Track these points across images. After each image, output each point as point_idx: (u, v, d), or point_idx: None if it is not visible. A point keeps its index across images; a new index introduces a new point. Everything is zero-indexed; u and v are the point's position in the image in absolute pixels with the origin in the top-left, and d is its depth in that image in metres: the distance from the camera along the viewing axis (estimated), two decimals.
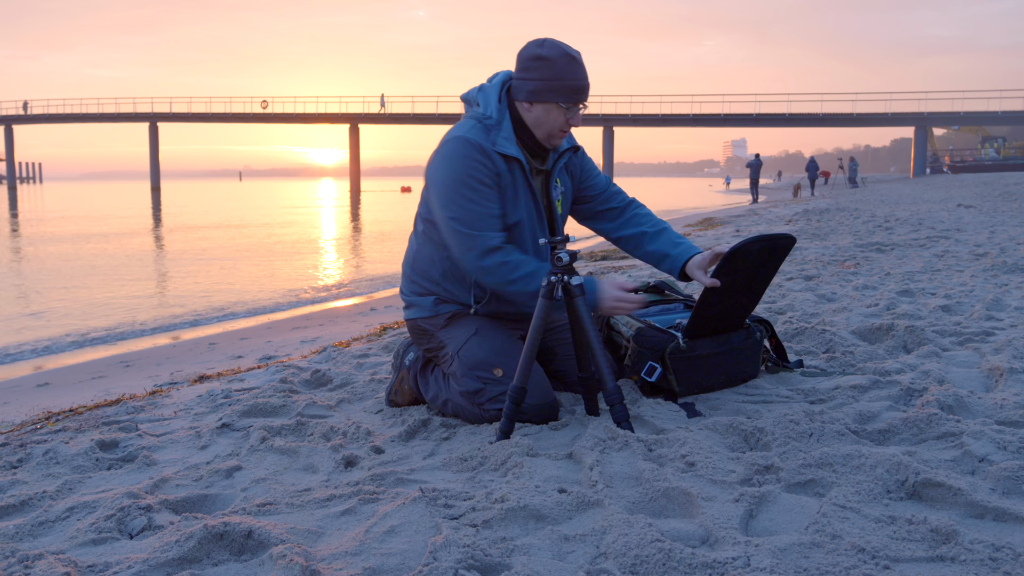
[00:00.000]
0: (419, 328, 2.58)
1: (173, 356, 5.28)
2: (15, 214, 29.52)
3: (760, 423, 2.20)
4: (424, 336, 2.58)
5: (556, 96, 2.32)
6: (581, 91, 2.34)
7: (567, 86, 2.32)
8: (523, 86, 2.35)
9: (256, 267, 12.34)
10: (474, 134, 2.35)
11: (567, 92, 2.32)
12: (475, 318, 2.51)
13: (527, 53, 2.34)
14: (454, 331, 2.50)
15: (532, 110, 2.36)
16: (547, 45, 2.32)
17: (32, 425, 2.98)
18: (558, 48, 2.31)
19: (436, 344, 2.55)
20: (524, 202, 2.42)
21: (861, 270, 5.88)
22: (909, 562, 1.45)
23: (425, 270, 2.54)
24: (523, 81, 2.35)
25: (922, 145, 49.58)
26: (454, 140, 2.36)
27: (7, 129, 65.19)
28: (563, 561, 1.52)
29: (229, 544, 1.62)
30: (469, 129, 2.37)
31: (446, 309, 2.53)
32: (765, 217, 15.83)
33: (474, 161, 2.32)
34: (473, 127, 2.37)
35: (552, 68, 2.30)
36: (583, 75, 2.34)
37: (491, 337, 2.46)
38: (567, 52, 2.31)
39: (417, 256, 2.56)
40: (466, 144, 2.33)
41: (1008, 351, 2.95)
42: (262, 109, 57.37)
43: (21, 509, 1.97)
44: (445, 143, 2.39)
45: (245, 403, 2.82)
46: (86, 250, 15.34)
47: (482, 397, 2.41)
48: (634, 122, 51.58)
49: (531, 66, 2.32)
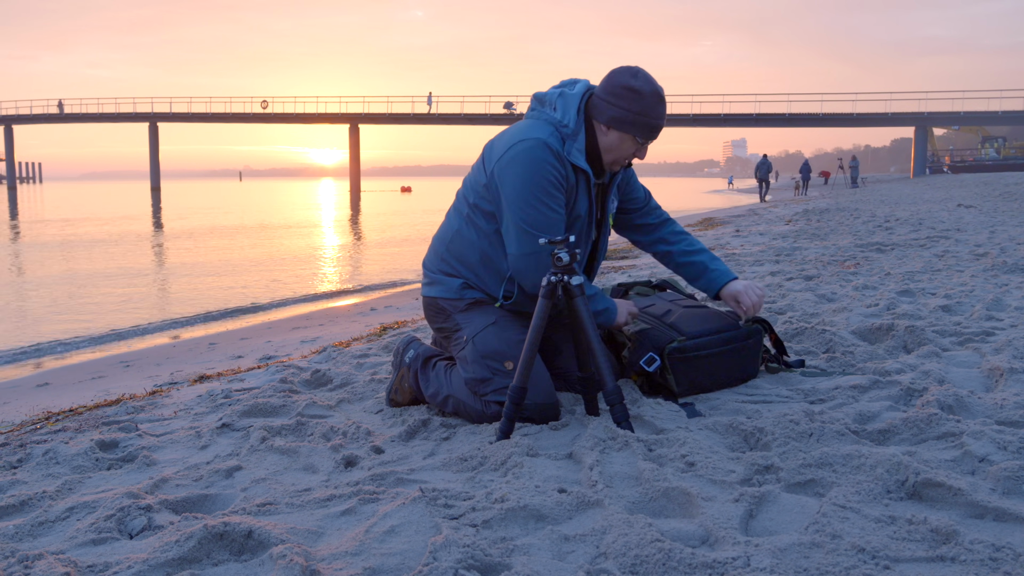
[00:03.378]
0: (437, 306, 2.58)
1: (173, 356, 5.28)
2: (15, 215, 29.52)
3: (760, 423, 2.20)
4: (441, 315, 2.57)
5: (636, 130, 2.39)
6: (658, 129, 2.43)
7: (649, 124, 2.39)
8: (607, 110, 2.40)
9: (256, 267, 12.34)
10: (553, 140, 2.39)
11: (647, 129, 2.40)
12: (497, 308, 2.52)
13: (620, 80, 2.39)
14: (474, 316, 2.50)
15: (608, 135, 2.42)
16: (640, 78, 2.39)
17: (32, 425, 2.98)
18: (650, 84, 2.38)
19: (452, 325, 2.54)
20: (582, 211, 2.49)
21: (861, 270, 5.88)
22: (909, 562, 1.45)
23: (462, 252, 2.53)
24: (609, 106, 2.39)
25: (922, 145, 49.57)
26: (534, 142, 2.38)
27: (7, 129, 65.18)
28: (563, 561, 1.52)
29: (229, 544, 1.62)
30: (549, 135, 2.40)
31: (471, 295, 2.53)
32: (765, 217, 15.83)
33: (551, 167, 2.37)
34: (552, 133, 2.41)
35: (640, 103, 2.36)
36: (664, 115, 2.42)
37: (509, 329, 2.46)
38: (657, 91, 2.38)
39: (456, 237, 2.55)
40: (545, 149, 2.37)
41: (1008, 351, 2.95)
42: (262, 109, 57.36)
43: (21, 509, 1.97)
44: (523, 142, 2.40)
45: (245, 403, 2.82)
46: (86, 251, 15.34)
47: (487, 387, 2.41)
48: None
49: (621, 94, 2.37)
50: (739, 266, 6.68)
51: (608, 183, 2.60)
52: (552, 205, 2.38)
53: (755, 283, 2.52)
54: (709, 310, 2.76)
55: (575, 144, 2.41)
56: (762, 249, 8.19)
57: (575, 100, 2.44)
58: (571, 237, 2.27)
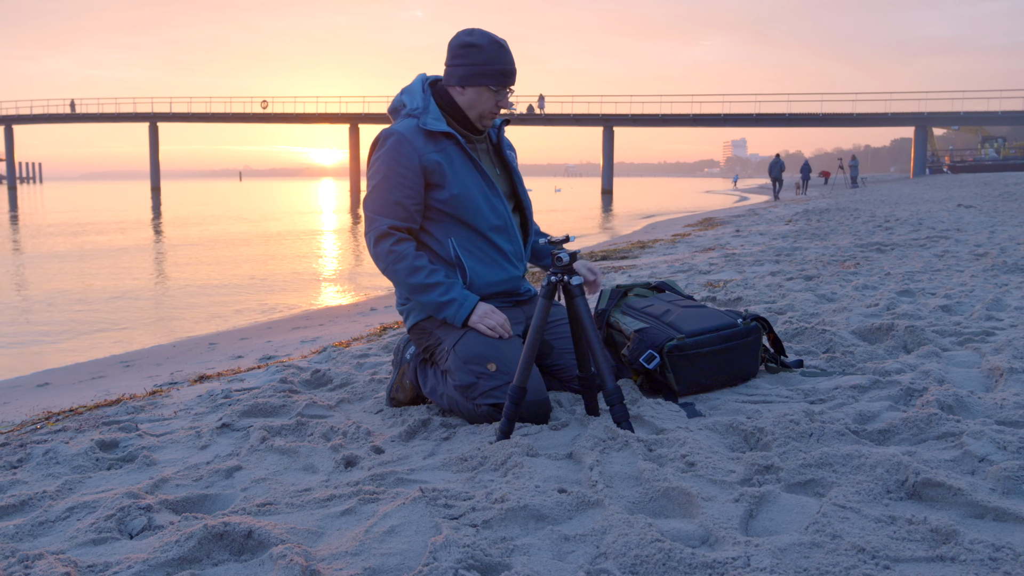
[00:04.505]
0: (420, 329, 2.64)
1: (173, 356, 5.28)
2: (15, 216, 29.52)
3: (760, 423, 2.20)
4: (423, 335, 2.63)
5: (486, 80, 2.50)
6: (508, 75, 2.52)
7: (495, 70, 2.50)
8: (455, 72, 2.54)
9: (257, 267, 12.34)
10: (402, 126, 2.54)
11: (496, 76, 2.51)
12: None
13: (457, 41, 2.53)
14: (450, 327, 2.54)
15: (465, 93, 2.54)
16: (475, 34, 2.52)
17: (32, 425, 2.98)
18: (486, 36, 2.51)
19: (434, 341, 2.59)
20: (465, 171, 2.55)
21: (861, 270, 5.88)
22: (909, 562, 1.45)
23: None
24: (455, 67, 2.53)
25: (922, 145, 49.56)
26: (382, 134, 2.55)
27: (7, 129, 65.15)
28: (563, 561, 1.52)
29: (229, 544, 1.62)
30: (399, 123, 2.56)
31: None
32: (765, 217, 15.83)
33: (395, 151, 2.50)
34: (403, 122, 2.56)
35: (481, 54, 2.50)
36: (510, 60, 2.53)
37: None
38: (494, 40, 2.51)
39: None
40: (391, 135, 2.52)
41: (1008, 351, 2.95)
42: (262, 109, 57.34)
43: (21, 509, 1.97)
44: (376, 137, 2.58)
45: (245, 403, 2.82)
46: (86, 250, 15.35)
47: (475, 391, 2.43)
48: (634, 122, 51.55)
49: (461, 53, 2.52)
50: (739, 266, 6.68)
51: (496, 143, 2.70)
52: (388, 188, 2.49)
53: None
54: (707, 309, 2.77)
55: (428, 115, 2.53)
56: (762, 249, 8.19)
57: (416, 85, 2.61)
58: (571, 237, 2.27)
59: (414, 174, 2.49)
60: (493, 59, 2.49)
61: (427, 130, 2.51)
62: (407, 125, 2.53)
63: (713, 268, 6.63)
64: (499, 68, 2.50)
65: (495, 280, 2.60)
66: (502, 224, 2.59)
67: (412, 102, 2.57)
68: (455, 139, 2.54)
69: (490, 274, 2.58)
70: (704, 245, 9.55)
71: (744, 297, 4.59)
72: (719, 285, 5.38)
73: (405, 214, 2.51)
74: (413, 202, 2.51)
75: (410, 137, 2.50)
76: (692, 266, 6.86)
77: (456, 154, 2.54)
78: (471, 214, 2.53)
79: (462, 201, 2.52)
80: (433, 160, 2.50)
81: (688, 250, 8.99)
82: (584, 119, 51.17)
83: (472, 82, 2.51)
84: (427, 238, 2.59)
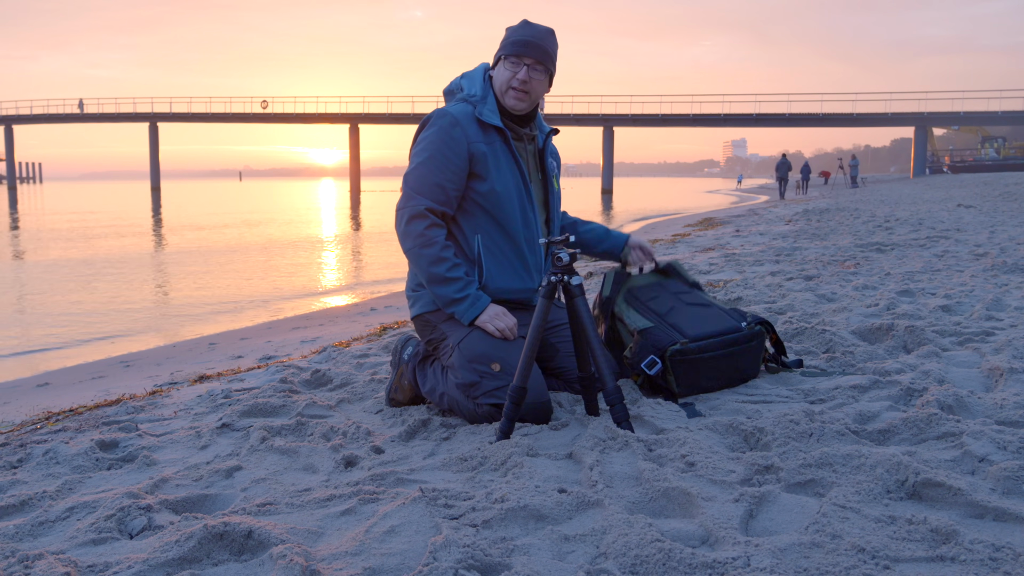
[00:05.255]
0: (424, 321, 2.62)
1: (173, 356, 5.28)
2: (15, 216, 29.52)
3: (760, 423, 2.20)
4: (427, 328, 2.61)
5: (503, 50, 2.53)
6: (521, 43, 2.51)
7: (510, 40, 2.53)
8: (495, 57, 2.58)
9: (257, 267, 12.34)
10: (457, 109, 2.52)
11: (510, 45, 2.52)
12: None
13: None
14: (457, 323, 2.52)
15: (495, 72, 2.57)
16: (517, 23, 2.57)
17: (32, 425, 2.98)
18: (521, 20, 2.57)
19: (439, 336, 2.57)
20: (508, 169, 2.54)
21: (861, 270, 5.88)
22: (909, 562, 1.45)
23: None
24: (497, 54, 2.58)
25: (922, 145, 49.55)
26: (436, 113, 2.54)
27: (7, 129, 65.13)
28: (563, 561, 1.52)
29: (229, 544, 1.62)
30: (454, 106, 2.55)
31: None
32: (765, 217, 15.83)
33: (445, 133, 2.49)
34: (458, 105, 2.55)
35: (507, 33, 2.55)
36: (528, 33, 2.52)
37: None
38: (525, 20, 2.56)
39: None
40: (444, 116, 2.51)
41: (1008, 351, 2.95)
42: (262, 109, 57.33)
43: (21, 509, 1.97)
44: (428, 117, 2.56)
45: (245, 403, 2.82)
46: (86, 253, 15.34)
47: (477, 391, 2.42)
48: (634, 122, 51.55)
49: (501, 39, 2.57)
50: (739, 266, 6.68)
51: (542, 148, 2.69)
52: (434, 168, 2.47)
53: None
54: (712, 309, 2.74)
55: (485, 105, 2.54)
56: (762, 249, 8.19)
57: (478, 73, 2.62)
58: (571, 237, 2.27)
59: (460, 159, 2.48)
60: (513, 33, 2.52)
61: (481, 120, 2.51)
62: (462, 110, 2.51)
63: (713, 268, 6.64)
64: (514, 39, 2.51)
65: (510, 287, 2.57)
66: (531, 233, 2.58)
67: (471, 87, 2.57)
68: (504, 135, 2.53)
69: (506, 280, 2.56)
70: (704, 245, 9.55)
71: (744, 297, 4.59)
72: (719, 285, 5.38)
73: (444, 197, 2.49)
74: (454, 187, 2.49)
75: (463, 122, 2.49)
76: (692, 266, 6.86)
77: (502, 150, 2.53)
78: (505, 214, 2.52)
79: (501, 198, 2.51)
80: (480, 150, 2.49)
81: (688, 250, 8.99)
82: (584, 119, 51.15)
83: (496, 59, 2.56)
84: (455, 229, 2.57)
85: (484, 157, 2.48)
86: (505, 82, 2.51)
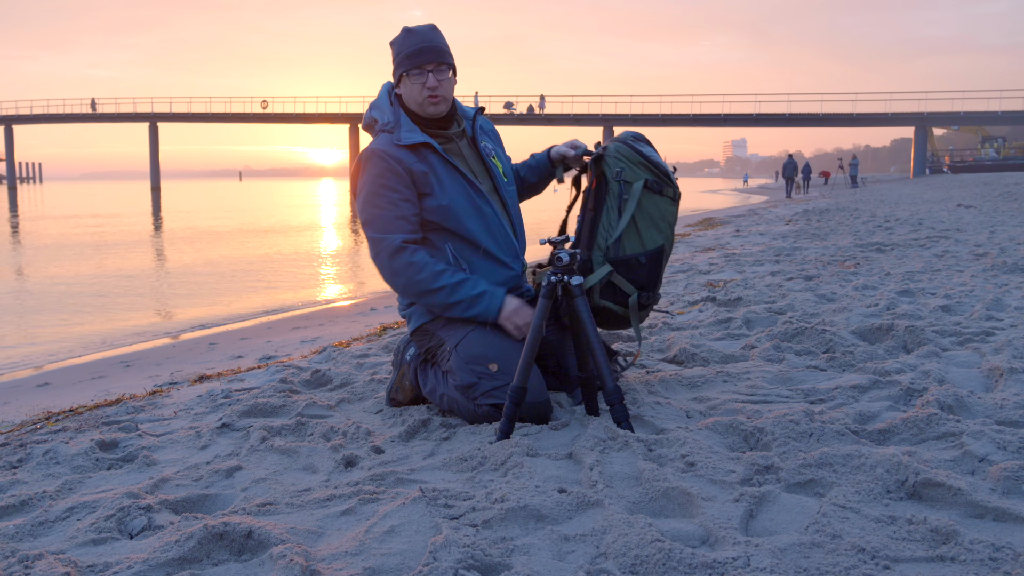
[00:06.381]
0: (423, 331, 2.64)
1: (173, 356, 5.28)
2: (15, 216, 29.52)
3: (760, 423, 2.20)
4: (426, 337, 2.63)
5: (401, 67, 2.52)
6: (415, 54, 2.49)
7: (404, 55, 2.51)
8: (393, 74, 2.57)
9: (257, 267, 12.33)
10: (379, 143, 2.52)
11: (405, 60, 2.50)
12: None
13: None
14: (453, 328, 2.54)
15: (401, 89, 2.55)
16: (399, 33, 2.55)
17: (32, 425, 2.98)
18: (401, 30, 2.55)
19: (436, 342, 2.58)
20: (449, 179, 2.52)
21: (861, 270, 5.88)
22: (909, 562, 1.45)
23: None
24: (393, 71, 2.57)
25: (922, 145, 49.54)
26: (362, 154, 2.54)
27: (7, 129, 65.13)
28: (563, 561, 1.52)
29: (229, 544, 1.62)
30: (375, 141, 2.55)
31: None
32: (765, 217, 15.83)
33: (382, 169, 2.47)
34: (378, 138, 2.55)
35: (394, 47, 2.55)
36: (416, 40, 2.50)
37: (489, 332, 2.49)
38: (405, 28, 2.54)
39: None
40: (372, 155, 2.50)
41: (1008, 351, 2.95)
42: (262, 109, 57.32)
43: (21, 509, 1.98)
44: (358, 160, 2.56)
45: (245, 403, 2.82)
46: (87, 251, 15.34)
47: (476, 391, 2.42)
48: (634, 122, 51.51)
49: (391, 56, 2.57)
50: (739, 266, 6.68)
51: (472, 136, 2.64)
52: (385, 204, 2.47)
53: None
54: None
55: (401, 129, 2.52)
56: (762, 249, 8.19)
57: (383, 98, 2.61)
58: (570, 237, 2.27)
59: (406, 187, 2.47)
60: (402, 46, 2.51)
61: (404, 145, 2.49)
62: (384, 141, 2.51)
63: (713, 268, 6.63)
64: (406, 52, 2.49)
65: (495, 282, 2.59)
66: (492, 229, 2.57)
67: (383, 117, 2.56)
68: (432, 147, 2.51)
69: (488, 277, 2.57)
70: (704, 245, 9.55)
71: (744, 297, 4.59)
72: (719, 285, 5.38)
73: (410, 226, 2.49)
74: (413, 213, 2.49)
75: (393, 152, 2.48)
76: (692, 266, 6.86)
77: (438, 163, 2.52)
78: (462, 225, 2.51)
79: (452, 212, 2.50)
80: (420, 169, 2.48)
81: (688, 250, 8.99)
82: (584, 119, 51.15)
83: (397, 77, 2.54)
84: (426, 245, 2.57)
85: (425, 176, 2.49)
86: (418, 95, 2.50)
